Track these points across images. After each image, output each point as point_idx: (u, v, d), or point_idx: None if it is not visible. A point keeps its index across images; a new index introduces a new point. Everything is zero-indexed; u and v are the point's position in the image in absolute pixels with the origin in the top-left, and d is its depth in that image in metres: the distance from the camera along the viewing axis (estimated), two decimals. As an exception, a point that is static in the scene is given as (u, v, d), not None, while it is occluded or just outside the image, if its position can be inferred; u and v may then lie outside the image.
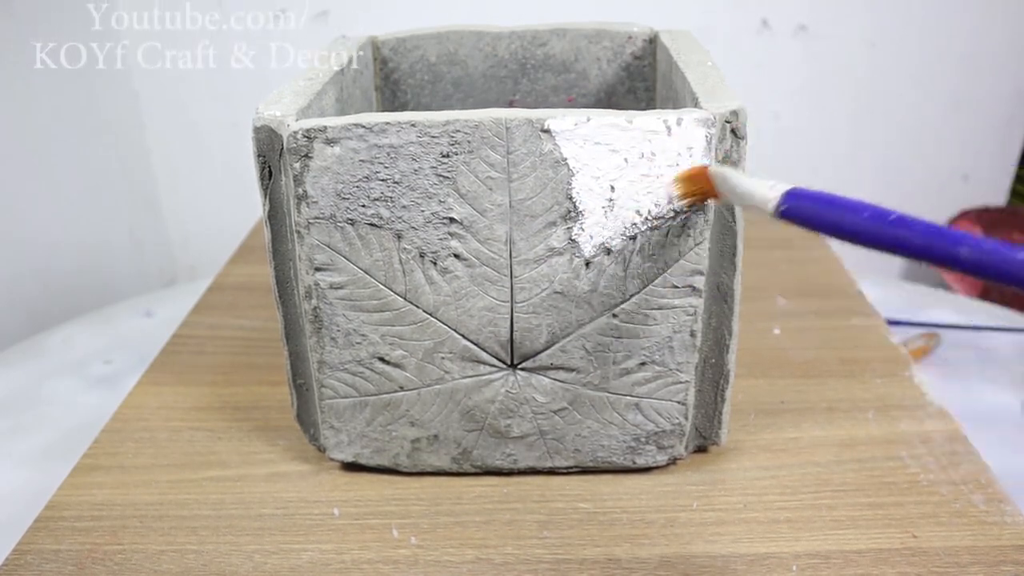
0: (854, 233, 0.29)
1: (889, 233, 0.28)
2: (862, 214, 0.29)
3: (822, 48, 1.03)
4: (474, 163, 0.36)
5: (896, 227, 0.28)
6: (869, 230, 0.29)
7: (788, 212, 0.31)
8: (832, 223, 0.30)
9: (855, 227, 0.29)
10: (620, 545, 0.39)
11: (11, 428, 0.59)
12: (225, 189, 1.10)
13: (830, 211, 0.30)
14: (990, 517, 0.40)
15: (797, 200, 0.31)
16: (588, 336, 0.40)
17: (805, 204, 0.31)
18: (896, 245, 0.28)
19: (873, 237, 0.28)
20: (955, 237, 0.26)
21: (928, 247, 0.27)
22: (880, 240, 0.28)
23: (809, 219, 0.31)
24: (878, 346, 0.55)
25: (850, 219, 0.29)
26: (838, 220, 0.29)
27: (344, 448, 0.43)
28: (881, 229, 0.28)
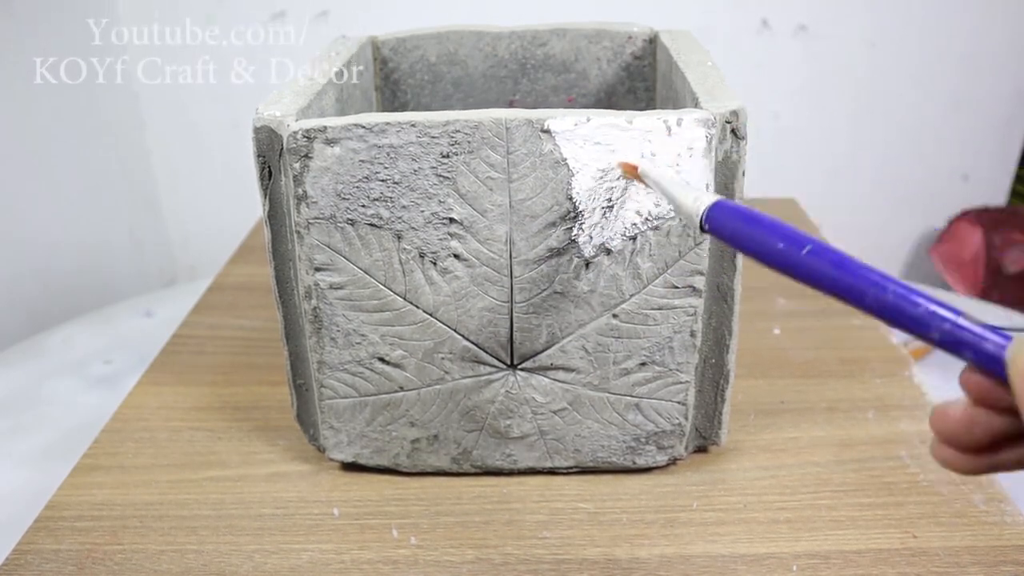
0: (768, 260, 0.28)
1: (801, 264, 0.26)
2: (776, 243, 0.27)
3: (822, 48, 1.03)
4: (474, 163, 0.36)
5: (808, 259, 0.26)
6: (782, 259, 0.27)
7: (712, 227, 0.30)
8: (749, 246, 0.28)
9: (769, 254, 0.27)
10: (620, 545, 0.39)
11: (11, 428, 0.59)
12: (225, 189, 1.10)
13: (749, 231, 0.28)
14: (990, 517, 0.40)
15: (721, 214, 0.29)
16: (588, 336, 0.40)
17: (728, 221, 0.29)
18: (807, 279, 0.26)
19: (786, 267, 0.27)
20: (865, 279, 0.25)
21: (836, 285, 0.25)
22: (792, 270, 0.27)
23: (728, 237, 0.29)
24: (878, 346, 0.55)
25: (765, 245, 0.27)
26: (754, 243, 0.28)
27: (344, 448, 0.43)
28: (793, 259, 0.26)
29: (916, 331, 0.24)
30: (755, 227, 0.28)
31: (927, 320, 0.24)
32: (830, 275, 0.25)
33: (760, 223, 0.28)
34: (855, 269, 0.25)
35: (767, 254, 0.27)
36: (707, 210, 0.30)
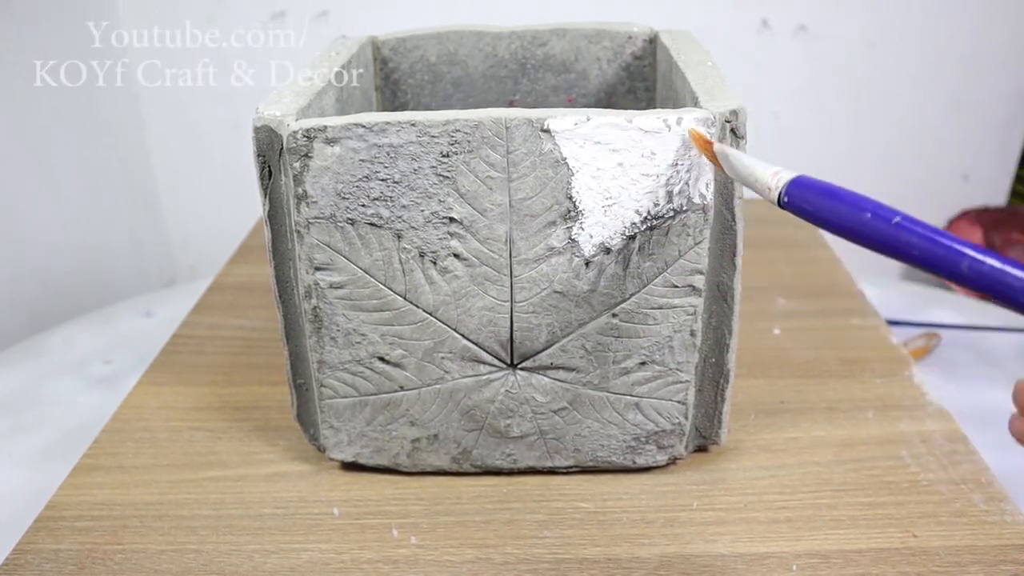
0: (855, 233, 0.28)
1: (891, 236, 0.26)
2: (864, 213, 0.27)
3: (822, 48, 1.03)
4: (474, 163, 0.36)
5: (898, 231, 0.26)
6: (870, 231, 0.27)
7: (790, 203, 0.30)
8: (834, 219, 0.28)
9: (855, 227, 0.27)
10: (620, 545, 0.39)
11: (11, 428, 0.59)
12: (225, 189, 1.10)
13: (833, 205, 0.28)
14: (990, 517, 0.40)
15: (801, 190, 0.30)
16: (588, 336, 0.40)
17: (809, 195, 0.29)
18: (896, 249, 0.26)
19: (873, 239, 0.27)
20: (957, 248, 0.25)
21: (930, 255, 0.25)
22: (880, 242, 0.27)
23: (811, 212, 0.29)
24: (878, 346, 0.55)
25: (851, 217, 0.27)
26: (840, 216, 0.28)
27: (344, 448, 0.43)
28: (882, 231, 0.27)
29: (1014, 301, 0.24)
30: (839, 201, 0.28)
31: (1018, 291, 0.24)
32: (923, 244, 0.25)
33: (843, 197, 0.28)
34: (949, 238, 0.25)
35: (854, 227, 0.27)
36: (786, 185, 0.30)
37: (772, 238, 0.72)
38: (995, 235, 1.04)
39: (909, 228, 0.26)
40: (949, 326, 0.70)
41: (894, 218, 0.26)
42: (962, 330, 0.70)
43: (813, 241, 0.71)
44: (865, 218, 0.27)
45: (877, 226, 0.27)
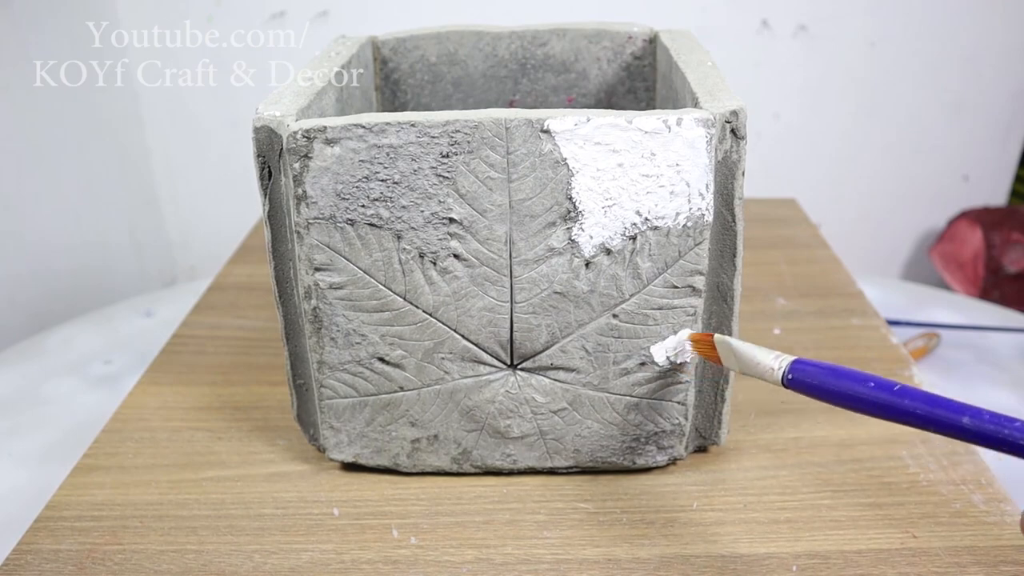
0: (860, 402, 0.30)
1: (895, 403, 0.29)
2: (867, 384, 0.30)
3: (822, 48, 1.03)
4: (474, 163, 0.36)
5: (901, 397, 0.29)
6: (874, 400, 0.30)
7: (794, 381, 0.33)
8: (838, 392, 0.31)
9: (860, 397, 0.30)
10: (620, 545, 0.39)
11: (11, 428, 0.59)
12: (225, 189, 1.10)
13: (836, 381, 0.31)
14: (990, 517, 0.40)
15: (802, 370, 0.32)
16: (588, 336, 0.40)
17: (810, 374, 0.32)
18: (901, 415, 0.29)
19: (878, 407, 0.30)
20: (957, 407, 0.28)
21: (932, 417, 0.28)
22: (885, 410, 0.29)
23: (815, 388, 0.32)
24: (878, 346, 0.55)
25: (855, 389, 0.30)
26: (844, 389, 0.31)
27: (344, 448, 0.43)
28: (886, 399, 0.29)
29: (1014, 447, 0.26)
30: (841, 377, 0.31)
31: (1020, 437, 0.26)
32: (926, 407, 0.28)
33: (843, 372, 0.31)
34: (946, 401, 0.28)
35: (858, 397, 0.30)
36: (789, 366, 0.33)
37: (772, 238, 0.72)
38: (995, 235, 1.04)
39: (911, 394, 0.29)
40: (949, 326, 0.70)
41: (895, 387, 0.29)
42: (962, 330, 0.70)
43: (813, 241, 0.71)
44: (868, 388, 0.30)
45: (880, 395, 0.29)
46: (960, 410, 0.28)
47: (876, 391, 0.30)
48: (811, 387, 0.32)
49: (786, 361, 0.33)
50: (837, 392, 0.31)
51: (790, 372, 0.33)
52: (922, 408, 0.28)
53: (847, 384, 0.31)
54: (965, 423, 0.27)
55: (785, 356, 0.34)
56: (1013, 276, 1.03)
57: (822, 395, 0.32)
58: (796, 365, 0.33)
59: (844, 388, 0.31)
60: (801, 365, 0.33)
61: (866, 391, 0.30)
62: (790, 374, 0.33)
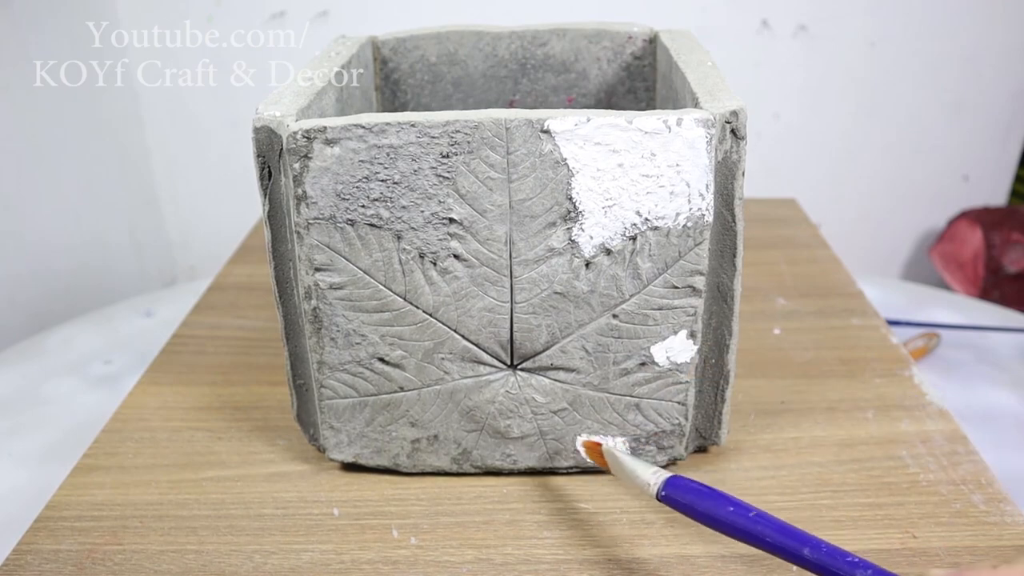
0: (720, 524, 0.32)
1: (748, 528, 0.32)
2: (726, 508, 0.32)
3: (822, 48, 1.03)
4: (474, 163, 0.36)
5: (754, 523, 0.32)
6: (731, 523, 0.32)
7: (666, 498, 0.35)
8: (702, 512, 0.33)
9: (720, 519, 0.33)
10: (620, 545, 0.39)
11: (11, 428, 0.59)
12: (225, 189, 1.10)
13: (701, 502, 0.33)
14: (990, 517, 0.40)
15: (674, 489, 0.34)
16: (588, 336, 0.40)
17: (680, 493, 0.34)
18: (753, 539, 0.31)
19: (735, 530, 0.32)
20: (801, 539, 0.30)
21: (778, 545, 0.31)
22: (741, 533, 0.32)
23: (684, 506, 0.34)
24: (878, 346, 0.55)
25: (716, 512, 0.33)
26: (707, 510, 0.33)
27: (344, 448, 0.43)
28: (741, 523, 0.32)
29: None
30: (706, 498, 0.33)
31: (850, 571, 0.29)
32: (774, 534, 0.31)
33: (710, 494, 0.33)
34: (795, 532, 0.31)
35: (719, 517, 0.33)
36: (663, 483, 0.35)
37: (772, 238, 0.72)
38: (995, 235, 1.04)
39: (764, 520, 0.31)
40: (949, 326, 0.70)
41: (751, 512, 0.32)
42: (962, 330, 0.70)
43: (813, 241, 0.72)
44: (727, 511, 0.32)
45: (737, 519, 0.32)
46: (803, 541, 0.30)
47: (733, 515, 0.32)
48: (680, 504, 0.34)
49: (661, 478, 0.35)
50: (702, 513, 0.33)
51: (663, 490, 0.35)
52: (770, 536, 0.31)
53: (710, 505, 0.33)
54: (805, 554, 0.30)
55: (662, 473, 0.35)
56: (1013, 276, 1.03)
57: (689, 513, 0.34)
58: (669, 484, 0.35)
59: (707, 510, 0.33)
60: (673, 486, 0.35)
61: (725, 515, 0.32)
62: (663, 491, 0.35)
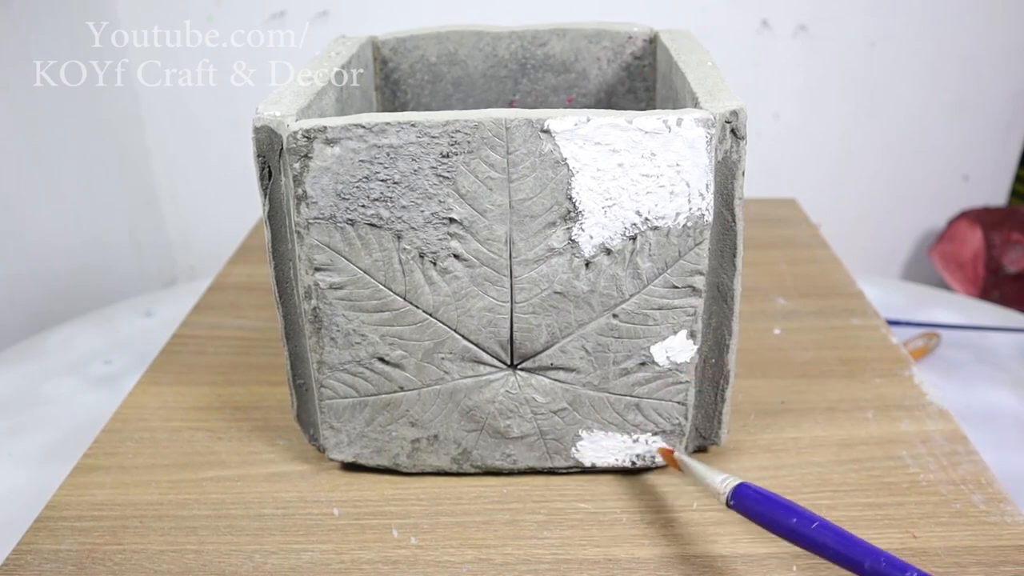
0: (785, 532, 0.33)
1: (811, 537, 0.33)
2: (789, 519, 0.33)
3: (822, 48, 1.03)
4: (474, 163, 0.36)
5: (816, 533, 0.32)
6: (796, 531, 0.33)
7: (736, 504, 0.36)
8: (770, 520, 0.34)
9: (785, 527, 0.34)
10: (620, 545, 0.39)
11: (11, 428, 0.59)
12: (225, 189, 1.10)
13: (766, 512, 0.35)
14: (990, 517, 0.40)
15: (743, 495, 0.35)
16: (588, 336, 0.40)
17: (750, 501, 0.35)
18: (816, 548, 0.32)
19: (798, 538, 0.33)
20: (862, 550, 0.31)
21: (840, 555, 0.32)
22: (804, 542, 0.33)
23: (753, 514, 0.35)
24: (878, 346, 0.55)
25: (780, 521, 0.34)
26: (772, 519, 0.34)
27: (344, 448, 0.43)
28: (804, 532, 0.33)
29: None
30: (773, 506, 0.34)
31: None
32: (836, 546, 0.32)
33: (776, 502, 0.34)
34: (859, 543, 0.31)
35: (783, 526, 0.34)
36: (732, 490, 0.36)
37: (772, 238, 0.72)
38: (995, 235, 1.04)
39: (826, 530, 0.32)
40: (949, 326, 0.70)
41: (813, 523, 0.33)
42: (962, 330, 0.70)
43: (813, 241, 0.72)
44: (791, 522, 0.33)
45: (800, 528, 0.33)
46: (865, 553, 0.31)
47: (796, 526, 0.33)
48: (749, 512, 0.35)
49: (730, 485, 0.36)
50: (767, 521, 0.34)
51: (732, 497, 0.36)
52: (832, 546, 0.32)
53: (773, 516, 0.34)
54: (865, 566, 0.31)
55: (731, 480, 0.36)
56: (1013, 276, 1.03)
57: (757, 520, 0.35)
58: (739, 491, 0.36)
59: (771, 519, 0.34)
60: (742, 492, 0.36)
61: (788, 524, 0.33)
62: (732, 499, 0.36)
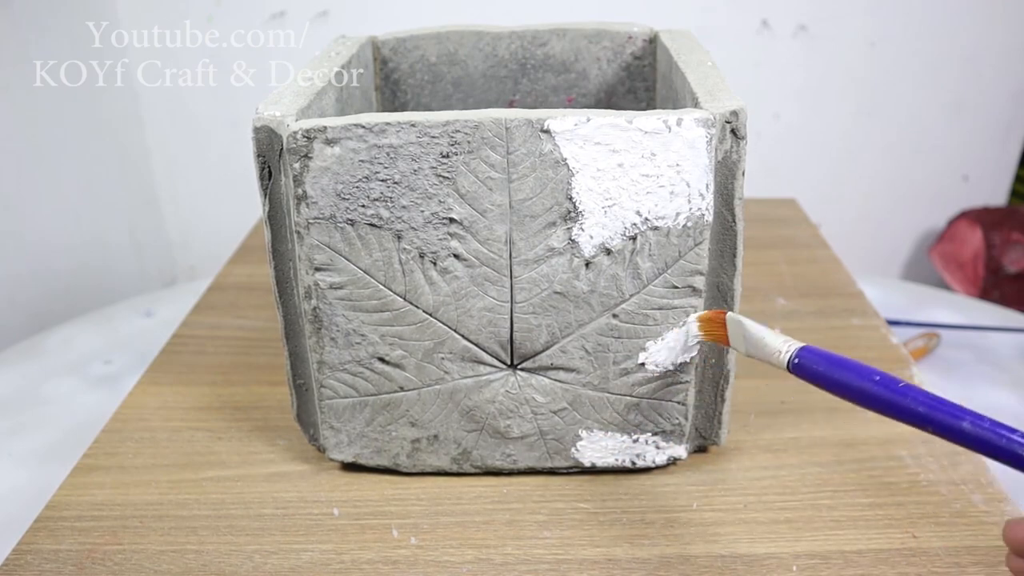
0: (863, 395, 0.30)
1: (896, 400, 0.29)
2: (872, 377, 0.30)
3: (822, 48, 1.03)
4: (474, 163, 0.36)
5: (904, 395, 0.29)
6: (878, 395, 0.30)
7: (799, 367, 0.33)
8: (842, 383, 0.31)
9: (864, 390, 0.30)
10: (620, 545, 0.39)
11: (11, 428, 0.59)
12: (225, 189, 1.10)
13: (841, 372, 0.31)
14: (990, 517, 0.40)
15: (809, 357, 0.33)
16: (588, 336, 0.40)
17: (817, 362, 0.32)
18: (903, 413, 0.29)
19: (880, 402, 0.30)
20: (958, 410, 0.28)
21: (933, 418, 0.28)
22: (887, 405, 0.30)
23: (819, 376, 0.32)
24: (878, 346, 0.55)
25: (860, 382, 0.30)
26: (848, 381, 0.31)
27: (344, 448, 0.43)
28: (890, 395, 0.30)
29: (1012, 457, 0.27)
30: (846, 369, 0.31)
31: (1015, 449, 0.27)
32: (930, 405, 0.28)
33: (849, 364, 0.31)
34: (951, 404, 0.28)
35: (861, 388, 0.30)
36: (797, 351, 0.33)
37: (772, 238, 0.72)
38: (995, 235, 1.04)
39: (914, 393, 0.29)
40: (949, 326, 0.70)
41: (899, 383, 0.30)
42: (962, 330, 0.70)
43: (813, 241, 0.71)
44: (874, 381, 0.30)
45: (883, 391, 0.30)
46: (962, 414, 0.28)
47: (879, 387, 0.30)
48: (815, 375, 0.32)
49: (794, 346, 0.34)
50: (840, 383, 0.31)
51: (796, 357, 0.33)
52: (924, 407, 0.29)
53: (851, 376, 0.31)
54: (965, 427, 0.27)
55: (794, 342, 0.34)
56: (1013, 276, 1.03)
57: (825, 384, 0.32)
58: (804, 352, 0.33)
59: (847, 380, 0.31)
60: (809, 352, 0.33)
61: (870, 385, 0.30)
62: (796, 359, 0.33)
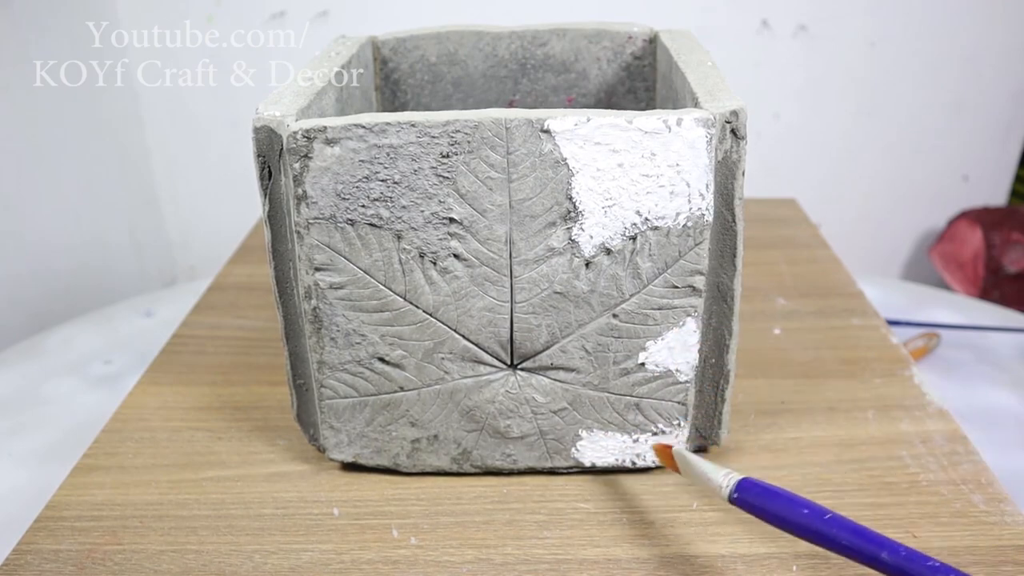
0: (794, 526, 0.32)
1: (822, 531, 0.31)
2: (801, 510, 0.32)
3: (822, 48, 1.03)
4: (474, 163, 0.36)
5: (829, 526, 0.31)
6: (806, 525, 0.32)
7: (739, 500, 0.34)
8: (776, 515, 0.33)
9: (794, 521, 0.32)
10: (620, 545, 0.39)
11: (11, 428, 0.59)
12: (225, 189, 1.10)
13: (775, 504, 0.33)
14: (990, 517, 0.40)
15: (747, 490, 0.34)
16: (588, 336, 0.40)
17: (753, 495, 0.34)
18: (828, 542, 0.31)
19: (809, 532, 0.32)
20: (878, 541, 0.30)
21: (853, 547, 0.30)
22: (815, 536, 0.31)
23: (757, 509, 0.34)
24: (878, 346, 0.55)
25: (791, 514, 0.32)
26: (781, 513, 0.33)
27: (344, 448, 0.43)
28: (815, 526, 0.31)
29: None
30: (780, 499, 0.33)
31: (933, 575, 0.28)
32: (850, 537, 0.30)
33: (784, 496, 0.33)
34: (871, 534, 0.30)
35: (792, 520, 0.32)
36: (735, 484, 0.35)
37: (772, 238, 0.72)
38: (995, 235, 1.04)
39: (838, 524, 0.31)
40: (949, 326, 0.70)
41: (826, 515, 0.31)
42: (962, 330, 0.70)
43: (813, 241, 0.72)
44: (802, 514, 0.32)
45: (811, 521, 0.32)
46: (880, 544, 0.29)
47: (807, 518, 0.32)
48: (754, 507, 0.34)
49: (733, 479, 0.35)
50: (775, 515, 0.33)
51: (735, 492, 0.34)
52: (846, 539, 0.30)
53: (782, 509, 0.33)
54: (883, 557, 0.29)
55: (734, 475, 0.35)
56: (1013, 276, 1.03)
57: (763, 516, 0.33)
58: (742, 485, 0.34)
59: (779, 512, 0.33)
60: (746, 487, 0.34)
61: (799, 517, 0.32)
62: (735, 493, 0.34)
